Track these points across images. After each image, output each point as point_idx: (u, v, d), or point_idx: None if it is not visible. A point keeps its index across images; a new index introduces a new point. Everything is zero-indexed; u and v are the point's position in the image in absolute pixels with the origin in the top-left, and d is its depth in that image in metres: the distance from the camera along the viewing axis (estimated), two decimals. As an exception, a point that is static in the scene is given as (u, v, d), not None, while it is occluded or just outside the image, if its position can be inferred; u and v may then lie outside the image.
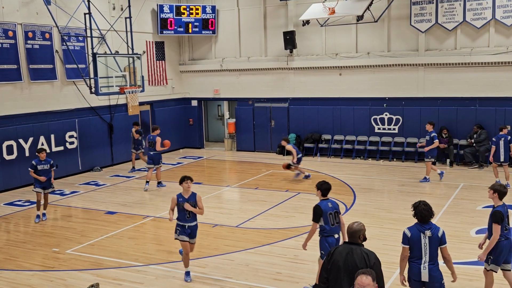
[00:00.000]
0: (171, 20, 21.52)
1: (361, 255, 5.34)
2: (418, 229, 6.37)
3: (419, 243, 6.32)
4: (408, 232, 6.42)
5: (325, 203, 7.90)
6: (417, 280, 6.41)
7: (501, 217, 7.07)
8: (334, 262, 5.40)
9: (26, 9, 16.35)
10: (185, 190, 8.88)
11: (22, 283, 8.99)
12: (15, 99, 16.17)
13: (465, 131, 18.08)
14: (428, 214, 6.34)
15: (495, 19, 17.30)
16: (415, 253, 6.37)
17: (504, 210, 7.17)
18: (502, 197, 7.28)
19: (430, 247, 6.31)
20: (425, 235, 6.32)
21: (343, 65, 19.92)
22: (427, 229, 6.34)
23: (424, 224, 6.36)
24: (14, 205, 14.34)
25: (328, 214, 7.78)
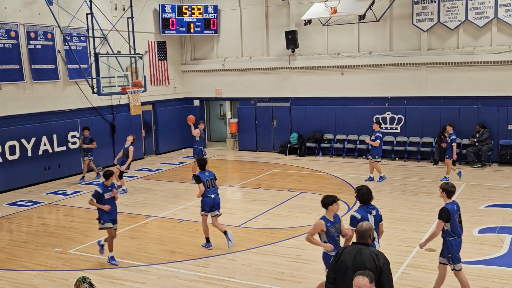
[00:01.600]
0: (173, 20, 21.53)
1: (370, 255, 5.29)
2: (366, 211, 7.26)
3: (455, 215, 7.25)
4: (358, 215, 7.15)
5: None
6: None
7: (447, 215, 7.35)
8: (342, 262, 5.35)
9: (28, 9, 16.38)
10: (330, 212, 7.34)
11: (24, 283, 9.00)
12: (17, 99, 16.20)
13: (467, 131, 18.04)
14: (369, 197, 7.30)
15: (497, 18, 17.26)
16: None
17: (452, 208, 7.43)
18: (451, 196, 7.53)
19: (374, 225, 7.02)
20: (371, 215, 7.24)
21: (345, 65, 19.90)
22: (372, 210, 7.29)
23: (368, 206, 7.30)
24: (16, 205, 14.36)
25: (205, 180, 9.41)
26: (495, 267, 8.96)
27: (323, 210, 7.40)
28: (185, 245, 10.63)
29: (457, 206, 7.53)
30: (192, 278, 8.96)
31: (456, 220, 7.44)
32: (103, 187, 9.66)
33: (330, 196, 7.25)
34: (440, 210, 7.42)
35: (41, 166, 16.86)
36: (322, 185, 15.50)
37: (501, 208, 12.53)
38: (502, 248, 9.82)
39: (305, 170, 18.02)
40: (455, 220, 7.41)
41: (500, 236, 10.49)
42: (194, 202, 13.97)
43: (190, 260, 9.80)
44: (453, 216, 7.37)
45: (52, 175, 17.21)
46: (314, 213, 12.42)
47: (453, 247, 7.46)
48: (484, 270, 8.85)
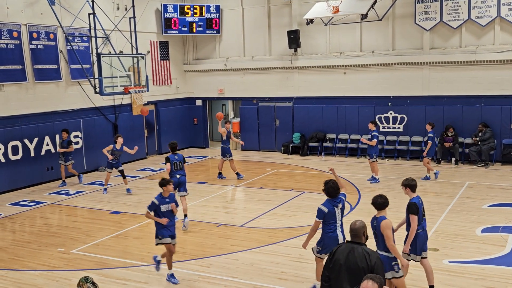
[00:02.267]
0: (175, 19, 21.53)
1: (362, 254, 5.35)
2: (332, 204, 7.70)
3: (334, 215, 7.67)
4: (325, 208, 7.65)
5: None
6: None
7: (416, 208, 7.52)
8: (336, 261, 5.41)
9: (31, 9, 16.40)
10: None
11: (27, 283, 9.02)
12: (20, 99, 16.22)
13: (470, 130, 18.01)
14: (335, 191, 7.69)
15: (500, 17, 17.22)
16: (331, 225, 7.69)
17: (418, 202, 7.63)
18: (414, 190, 7.78)
19: (341, 216, 7.75)
20: (338, 208, 7.72)
21: (348, 64, 19.87)
22: (338, 203, 7.71)
23: (334, 199, 7.71)
24: (19, 205, 14.39)
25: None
26: (498, 267, 8.93)
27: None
28: (187, 245, 10.63)
29: (421, 200, 7.75)
30: (195, 278, 8.96)
31: (421, 214, 7.66)
32: (160, 198, 8.72)
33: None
34: (408, 205, 7.61)
35: (44, 166, 16.88)
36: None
37: (504, 207, 12.50)
38: (505, 248, 9.80)
39: (308, 169, 18.01)
40: (421, 214, 7.63)
41: (503, 235, 10.47)
42: (197, 202, 13.99)
43: (192, 260, 9.81)
44: (420, 210, 7.58)
45: (54, 175, 17.22)
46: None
47: (417, 240, 7.62)
48: (487, 269, 8.83)
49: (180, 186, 11.86)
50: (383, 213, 7.03)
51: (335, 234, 7.70)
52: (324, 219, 7.66)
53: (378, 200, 7.03)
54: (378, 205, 7.03)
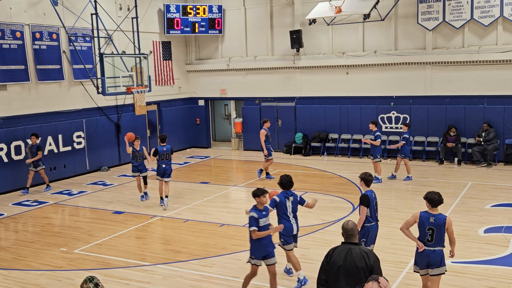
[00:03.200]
0: (177, 20, 21.55)
1: (360, 254, 5.32)
2: (284, 195, 8.45)
3: (285, 206, 8.41)
4: (277, 198, 8.46)
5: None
6: (290, 235, 8.45)
7: (367, 201, 8.01)
8: (334, 263, 5.36)
9: (33, 10, 16.43)
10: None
11: (30, 282, 9.03)
12: (22, 100, 16.25)
13: (473, 130, 17.98)
14: (288, 184, 8.41)
15: (503, 17, 17.18)
16: (285, 215, 8.44)
17: (371, 195, 8.11)
18: (369, 184, 8.29)
19: (292, 208, 8.45)
20: (289, 200, 8.44)
21: (350, 64, 19.86)
22: (290, 196, 8.41)
23: (287, 191, 8.46)
24: (22, 205, 14.41)
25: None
26: (500, 267, 8.92)
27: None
28: (189, 245, 10.64)
29: (374, 195, 8.21)
30: (197, 278, 8.96)
31: (374, 207, 8.12)
32: (257, 211, 7.82)
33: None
34: (361, 197, 8.10)
35: (47, 166, 16.88)
36: (327, 184, 15.48)
37: (507, 207, 12.47)
38: (508, 248, 9.78)
39: (310, 169, 18.00)
40: (373, 206, 8.10)
41: (506, 235, 10.45)
42: (199, 202, 14.00)
43: (195, 260, 9.81)
44: (372, 203, 8.05)
45: (57, 175, 17.26)
46: (319, 212, 12.41)
47: (369, 232, 8.08)
48: (490, 270, 8.82)
49: (166, 175, 13.56)
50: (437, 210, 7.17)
51: (289, 224, 8.46)
52: (277, 209, 8.44)
53: (436, 197, 7.11)
54: (435, 202, 7.12)
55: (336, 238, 9.69)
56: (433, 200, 7.10)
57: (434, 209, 7.14)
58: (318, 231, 11.22)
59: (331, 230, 11.11)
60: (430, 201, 7.13)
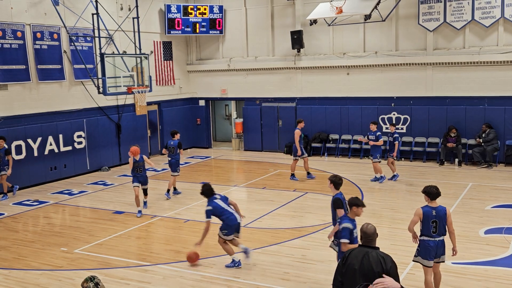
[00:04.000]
0: (178, 20, 21.56)
1: (377, 258, 5.24)
2: (213, 200, 9.29)
3: (222, 208, 9.25)
4: (210, 207, 9.21)
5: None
6: (234, 225, 9.27)
7: (341, 203, 8.13)
8: (350, 265, 5.30)
9: (35, 9, 16.44)
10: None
11: (30, 282, 9.04)
12: (23, 99, 16.26)
13: (473, 131, 17.97)
14: (209, 192, 9.24)
15: (504, 18, 17.18)
16: (225, 213, 9.24)
17: (342, 197, 8.24)
18: (338, 187, 8.39)
19: (227, 205, 9.35)
20: (219, 200, 9.33)
21: (351, 65, 19.86)
22: (218, 199, 9.25)
23: (211, 197, 9.29)
24: (22, 205, 14.42)
25: None
26: (501, 268, 8.92)
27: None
28: (190, 245, 10.61)
29: (343, 196, 8.34)
30: (197, 278, 8.96)
31: (346, 208, 8.11)
32: (351, 221, 7.36)
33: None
34: (334, 201, 8.26)
35: (47, 165, 16.92)
36: (327, 185, 15.45)
37: (507, 208, 12.47)
38: (509, 249, 9.77)
39: (311, 170, 17.98)
40: (345, 208, 8.10)
41: (506, 236, 10.44)
42: (200, 202, 13.99)
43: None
44: (344, 204, 8.13)
45: (58, 174, 17.27)
46: (319, 213, 12.43)
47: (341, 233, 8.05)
48: (490, 271, 8.82)
49: (171, 167, 14.60)
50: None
51: (232, 216, 9.22)
52: (215, 214, 9.18)
53: (434, 190, 7.46)
54: (433, 195, 7.45)
55: (336, 239, 9.70)
56: (431, 193, 7.46)
57: (433, 202, 7.49)
58: (318, 231, 11.22)
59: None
60: (429, 194, 7.49)
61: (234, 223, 9.21)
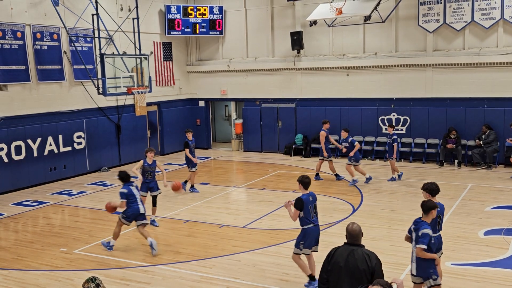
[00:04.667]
0: (178, 20, 21.56)
1: (362, 256, 5.33)
2: (129, 185, 10.36)
3: (134, 195, 10.31)
4: (125, 190, 10.23)
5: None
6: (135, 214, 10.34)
7: (301, 204, 8.09)
8: (335, 263, 5.38)
9: (35, 10, 16.44)
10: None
11: (30, 282, 9.03)
12: (23, 100, 16.26)
13: (473, 132, 17.98)
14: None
15: (503, 19, 17.19)
16: (133, 201, 10.29)
17: (307, 198, 8.17)
18: (307, 187, 8.28)
19: (139, 194, 10.53)
20: (134, 187, 10.46)
21: (351, 66, 19.87)
22: (134, 187, 9.93)
23: (128, 184, 10.32)
24: (22, 205, 14.42)
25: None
26: (500, 269, 8.92)
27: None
28: (189, 246, 10.64)
29: (312, 197, 8.29)
30: (197, 278, 8.96)
31: (310, 210, 8.21)
32: (430, 227, 6.97)
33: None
34: (296, 200, 8.19)
35: (47, 166, 16.92)
36: (327, 186, 15.48)
37: (507, 210, 12.47)
38: (508, 250, 9.77)
39: (310, 171, 17.97)
40: (308, 209, 8.16)
41: (505, 238, 10.44)
42: (199, 203, 14.01)
43: (194, 260, 9.81)
44: (306, 206, 8.11)
45: (57, 175, 17.27)
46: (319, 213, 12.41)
47: (308, 234, 8.22)
48: (490, 272, 8.82)
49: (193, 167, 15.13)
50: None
51: (136, 206, 10.25)
52: (128, 198, 10.16)
53: (435, 187, 7.65)
54: (436, 191, 7.60)
55: (336, 240, 9.70)
56: (433, 189, 7.62)
57: (435, 199, 7.56)
58: (318, 232, 11.21)
59: (331, 232, 11.10)
60: (431, 191, 7.60)
61: (137, 212, 10.27)
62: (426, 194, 7.63)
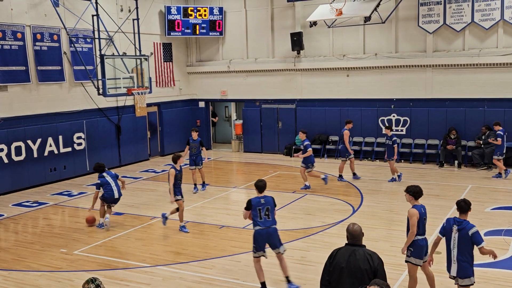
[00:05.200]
0: (178, 21, 21.57)
1: (364, 256, 5.31)
2: (101, 177, 11.85)
3: (109, 184, 11.85)
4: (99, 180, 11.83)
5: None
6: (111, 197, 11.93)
7: (249, 205, 8.34)
8: (337, 264, 5.36)
9: (35, 11, 16.45)
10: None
11: (30, 283, 9.03)
12: (23, 100, 16.26)
13: (473, 133, 17.98)
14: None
15: (503, 20, 17.20)
16: (108, 187, 11.83)
17: (257, 200, 8.36)
18: (261, 191, 8.49)
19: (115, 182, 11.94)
20: (110, 177, 11.98)
21: (351, 66, 19.88)
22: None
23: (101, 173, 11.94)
24: (22, 206, 14.42)
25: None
26: (500, 270, 8.93)
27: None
28: (189, 247, 10.64)
29: (265, 201, 8.40)
30: (197, 279, 8.96)
31: (259, 212, 8.33)
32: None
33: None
34: (247, 202, 8.41)
35: (47, 167, 16.92)
36: (326, 186, 15.47)
37: (506, 210, 12.47)
38: (508, 251, 9.79)
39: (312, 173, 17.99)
40: (257, 211, 8.31)
41: (505, 238, 10.45)
42: (199, 204, 14.01)
43: (194, 261, 9.81)
44: (255, 208, 8.28)
45: (57, 176, 17.27)
46: (319, 214, 12.43)
47: (255, 237, 8.36)
48: (490, 273, 8.82)
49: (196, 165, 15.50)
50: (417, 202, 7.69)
51: (112, 192, 11.74)
52: (102, 186, 11.79)
53: (419, 189, 7.73)
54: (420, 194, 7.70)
55: (336, 241, 9.72)
56: (417, 192, 7.70)
57: (418, 201, 7.72)
58: (318, 233, 11.22)
59: (331, 232, 11.11)
60: (415, 193, 7.68)
61: (112, 197, 11.81)
62: (409, 196, 7.71)
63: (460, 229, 7.04)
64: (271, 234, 8.44)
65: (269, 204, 8.44)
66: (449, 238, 7.16)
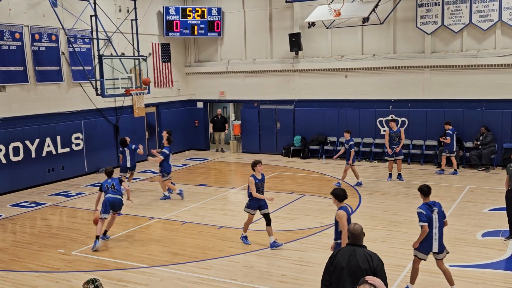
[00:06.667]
0: (177, 22, 21.57)
1: (364, 256, 5.33)
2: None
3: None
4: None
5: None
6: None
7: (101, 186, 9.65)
8: (337, 264, 5.38)
9: (33, 11, 16.43)
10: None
11: (27, 284, 9.02)
12: (21, 101, 16.25)
13: (471, 134, 18.00)
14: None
15: (501, 21, 17.23)
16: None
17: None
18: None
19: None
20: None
21: (349, 67, 19.89)
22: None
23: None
24: (20, 206, 14.39)
25: None
26: (498, 271, 8.94)
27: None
28: (187, 247, 10.64)
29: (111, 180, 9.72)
30: (195, 280, 8.96)
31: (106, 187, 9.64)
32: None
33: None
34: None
35: (45, 167, 16.90)
36: (325, 187, 15.47)
37: (505, 211, 12.43)
38: (506, 252, 9.79)
39: (308, 172, 18.01)
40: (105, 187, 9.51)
41: (503, 239, 10.45)
42: (197, 204, 14.00)
43: (192, 262, 9.80)
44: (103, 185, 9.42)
45: (55, 176, 17.25)
46: (317, 215, 12.44)
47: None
48: (488, 273, 8.83)
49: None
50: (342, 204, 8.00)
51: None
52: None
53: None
54: (339, 196, 8.02)
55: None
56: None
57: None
58: (316, 234, 11.23)
59: (329, 233, 11.08)
60: (338, 196, 8.05)
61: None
62: (334, 199, 8.12)
63: (437, 209, 7.87)
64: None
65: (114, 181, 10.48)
66: (430, 221, 7.76)
